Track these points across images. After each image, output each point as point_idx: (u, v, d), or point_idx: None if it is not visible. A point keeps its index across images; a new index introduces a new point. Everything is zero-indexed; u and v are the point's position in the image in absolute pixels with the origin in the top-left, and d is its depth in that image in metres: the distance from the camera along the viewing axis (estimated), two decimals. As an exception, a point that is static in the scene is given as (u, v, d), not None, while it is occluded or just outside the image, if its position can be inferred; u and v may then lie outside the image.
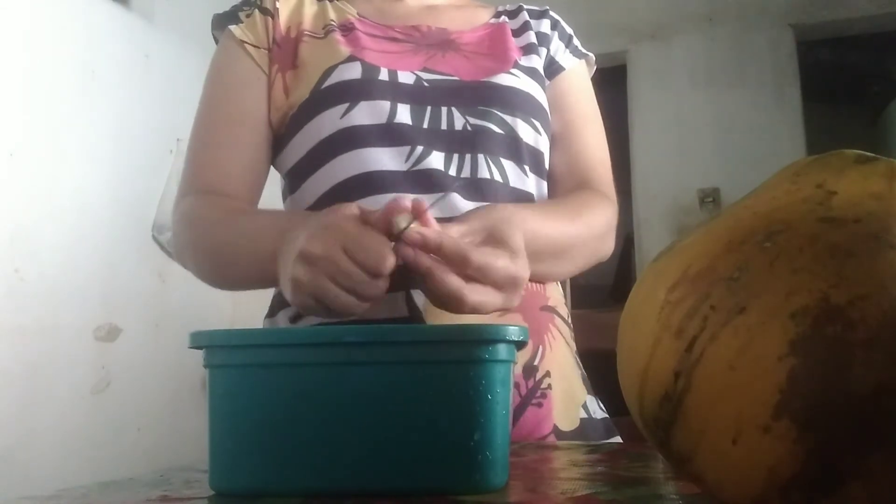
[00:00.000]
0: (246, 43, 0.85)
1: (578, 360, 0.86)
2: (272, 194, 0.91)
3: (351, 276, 0.57)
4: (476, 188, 0.77)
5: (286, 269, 0.61)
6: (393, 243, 0.58)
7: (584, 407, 0.80)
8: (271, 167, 0.89)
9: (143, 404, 2.55)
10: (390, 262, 0.56)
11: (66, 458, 2.22)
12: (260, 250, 0.70)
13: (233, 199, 0.81)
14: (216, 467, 0.44)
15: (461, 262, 0.58)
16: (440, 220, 0.73)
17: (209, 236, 0.79)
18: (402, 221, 0.59)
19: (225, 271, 0.80)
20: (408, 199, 0.61)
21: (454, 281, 0.58)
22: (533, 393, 0.75)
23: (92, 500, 0.44)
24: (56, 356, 2.25)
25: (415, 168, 0.76)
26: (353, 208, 0.61)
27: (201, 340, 0.46)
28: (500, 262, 0.60)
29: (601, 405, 0.85)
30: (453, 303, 0.59)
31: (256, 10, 0.86)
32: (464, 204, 0.75)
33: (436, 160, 0.77)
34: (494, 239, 0.62)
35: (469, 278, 0.59)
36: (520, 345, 0.46)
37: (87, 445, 2.32)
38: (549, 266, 0.77)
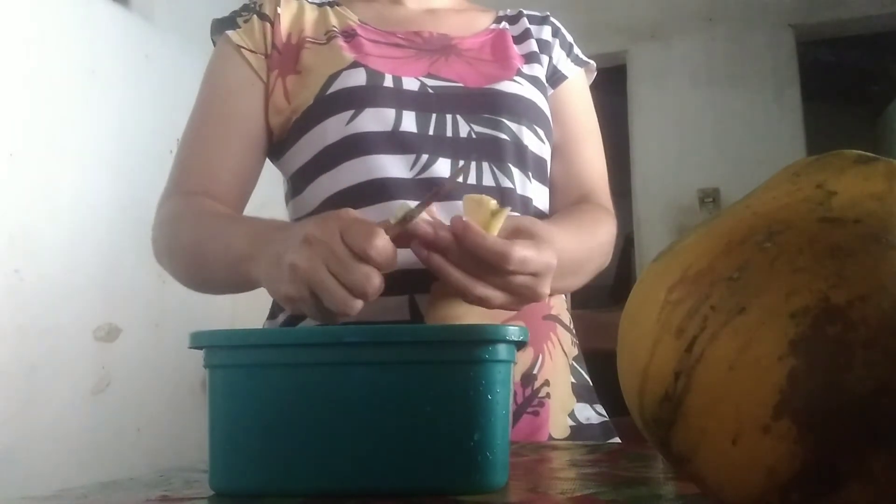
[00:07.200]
0: (243, 48, 0.84)
1: (578, 366, 0.86)
2: (276, 195, 0.91)
3: (340, 260, 0.56)
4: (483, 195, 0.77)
5: (283, 258, 0.59)
6: (388, 232, 0.58)
7: (572, 415, 0.80)
8: (277, 170, 0.89)
9: (143, 404, 2.55)
10: (378, 244, 0.56)
11: (66, 458, 2.22)
12: (230, 251, 0.70)
13: (218, 202, 0.81)
14: (216, 467, 0.44)
15: (502, 259, 0.58)
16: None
17: (183, 235, 0.78)
18: (399, 212, 0.60)
19: (195, 271, 0.79)
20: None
21: (457, 274, 0.60)
22: (530, 401, 0.75)
23: (92, 500, 0.44)
24: (56, 356, 2.25)
25: (421, 176, 0.76)
26: (350, 211, 0.62)
27: (201, 340, 0.46)
28: (527, 252, 0.60)
29: (598, 409, 0.85)
30: (460, 295, 0.61)
31: (255, 16, 0.86)
32: None
33: (442, 168, 0.77)
34: (522, 235, 0.63)
35: (486, 274, 0.60)
36: (520, 345, 0.46)
37: (87, 445, 2.31)
38: (566, 282, 0.78)
